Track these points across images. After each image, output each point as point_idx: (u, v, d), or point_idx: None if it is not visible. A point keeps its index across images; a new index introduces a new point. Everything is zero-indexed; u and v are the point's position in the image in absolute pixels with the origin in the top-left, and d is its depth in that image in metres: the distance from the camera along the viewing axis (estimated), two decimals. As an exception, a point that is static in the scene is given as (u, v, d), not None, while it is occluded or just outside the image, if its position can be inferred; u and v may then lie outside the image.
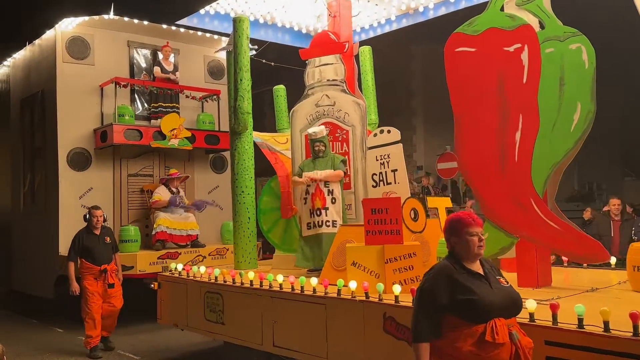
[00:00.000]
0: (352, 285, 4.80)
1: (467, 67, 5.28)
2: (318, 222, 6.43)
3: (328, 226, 6.39)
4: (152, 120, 10.38)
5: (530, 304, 3.65)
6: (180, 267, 7.03)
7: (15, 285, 11.43)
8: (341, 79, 6.94)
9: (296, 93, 9.20)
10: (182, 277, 6.90)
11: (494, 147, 5.11)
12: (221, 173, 11.56)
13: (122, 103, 10.03)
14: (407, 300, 4.39)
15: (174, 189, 10.09)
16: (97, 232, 7.53)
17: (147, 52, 10.84)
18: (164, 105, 10.45)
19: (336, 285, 4.97)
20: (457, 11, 8.40)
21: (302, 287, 5.28)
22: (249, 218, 7.12)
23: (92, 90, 10.09)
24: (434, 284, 3.03)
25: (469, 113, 5.26)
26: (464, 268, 3.09)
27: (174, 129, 10.13)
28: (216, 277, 6.35)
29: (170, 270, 7.20)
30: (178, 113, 10.41)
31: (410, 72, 19.04)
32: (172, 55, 10.78)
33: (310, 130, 6.51)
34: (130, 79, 10.34)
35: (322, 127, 6.53)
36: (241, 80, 6.57)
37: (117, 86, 9.80)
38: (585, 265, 6.23)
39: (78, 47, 9.97)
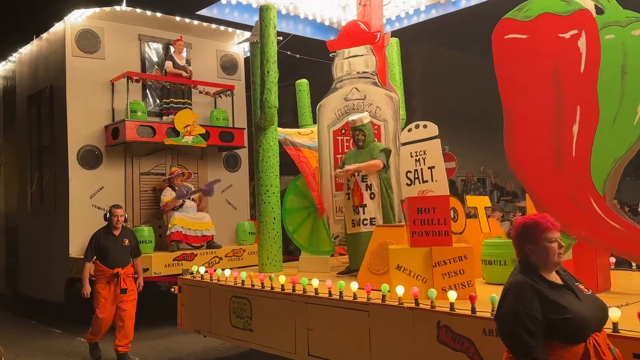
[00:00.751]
0: (399, 290, 4.44)
1: (518, 56, 4.92)
2: (357, 220, 6.09)
3: (366, 224, 6.05)
4: (163, 117, 10.01)
5: (613, 313, 3.29)
6: (202, 270, 6.66)
7: (22, 289, 11.04)
8: (372, 71, 6.58)
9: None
10: (205, 280, 6.54)
11: (549, 142, 4.76)
12: (234, 171, 11.19)
13: (133, 99, 9.65)
14: (465, 308, 4.04)
15: (178, 187, 9.72)
16: (117, 232, 7.14)
17: (158, 46, 10.46)
18: (175, 101, 10.07)
19: (380, 290, 4.62)
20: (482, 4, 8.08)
21: (341, 292, 4.92)
22: (274, 218, 6.76)
23: (102, 86, 9.70)
24: (528, 304, 2.58)
25: (520, 105, 4.90)
26: (544, 280, 2.71)
27: (188, 125, 9.76)
28: (243, 281, 5.99)
29: (192, 274, 6.83)
30: (191, 109, 10.04)
31: (409, 71, 18.76)
32: (185, 49, 10.41)
33: (352, 118, 6.16)
34: (143, 73, 9.96)
35: (365, 114, 6.17)
36: (268, 72, 6.20)
37: (129, 81, 9.41)
38: (634, 266, 5.90)
39: (88, 41, 9.60)
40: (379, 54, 6.63)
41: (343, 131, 6.69)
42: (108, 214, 7.15)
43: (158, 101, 10.21)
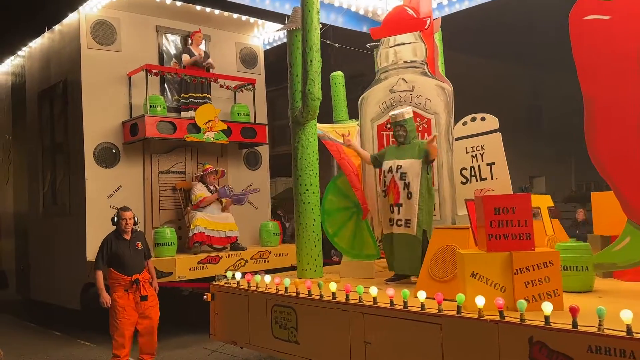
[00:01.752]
0: (480, 301, 3.96)
1: (599, 39, 4.46)
2: (391, 220, 5.63)
3: (400, 226, 5.59)
4: (182, 112, 9.52)
5: None
6: (239, 276, 6.18)
7: (35, 294, 10.54)
8: (421, 60, 6.10)
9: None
10: (242, 287, 6.05)
11: (637, 135, 4.29)
12: (255, 169, 10.72)
13: (151, 93, 9.15)
14: (562, 322, 3.57)
15: (211, 186, 9.25)
16: (127, 237, 6.63)
17: (176, 38, 9.96)
18: (194, 95, 9.57)
19: (453, 300, 4.15)
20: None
21: (405, 303, 4.44)
22: (314, 220, 6.26)
23: (119, 79, 9.20)
24: None
25: (603, 94, 4.44)
26: None
27: (209, 121, 9.26)
28: (286, 289, 5.51)
29: (226, 279, 6.35)
30: (211, 104, 9.55)
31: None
32: (203, 42, 9.91)
33: (393, 113, 5.69)
34: (162, 66, 9.46)
35: (408, 108, 5.70)
36: (311, 61, 5.71)
37: (148, 74, 8.91)
38: None
39: (104, 32, 9.09)
40: (428, 41, 6.15)
41: (388, 125, 6.21)
42: (116, 218, 6.62)
43: (176, 96, 9.71)
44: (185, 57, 9.58)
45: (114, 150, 9.08)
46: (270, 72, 11.22)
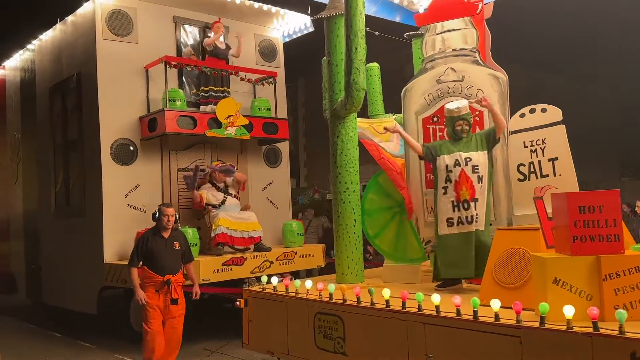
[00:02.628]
0: (568, 311, 3.53)
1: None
2: (467, 217, 5.14)
3: (471, 223, 5.14)
4: (201, 107, 9.08)
5: None
6: (275, 280, 5.74)
7: (46, 298, 10.09)
8: (472, 48, 5.65)
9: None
10: (280, 293, 5.62)
11: None
12: (275, 167, 10.28)
13: (169, 87, 8.72)
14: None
15: (220, 184, 8.81)
16: (166, 235, 6.23)
17: (194, 29, 9.53)
18: (214, 89, 9.13)
19: (532, 310, 3.72)
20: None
21: (475, 312, 4.01)
22: (354, 221, 5.83)
23: (136, 72, 8.76)
24: None
25: None
26: None
27: (230, 115, 8.83)
28: (331, 295, 5.08)
29: (261, 284, 5.91)
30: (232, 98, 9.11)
31: (404, 74, 18.57)
32: (223, 33, 9.46)
33: (451, 106, 5.23)
34: (183, 58, 9.02)
35: (465, 101, 5.26)
36: (356, 49, 5.26)
37: (168, 66, 8.47)
38: None
39: (120, 22, 8.64)
40: (479, 27, 5.70)
41: (435, 119, 5.78)
42: (157, 214, 6.21)
43: (195, 89, 9.27)
44: (207, 41, 9.11)
45: (131, 147, 8.64)
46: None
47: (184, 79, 9.21)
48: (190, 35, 9.45)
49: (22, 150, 11.06)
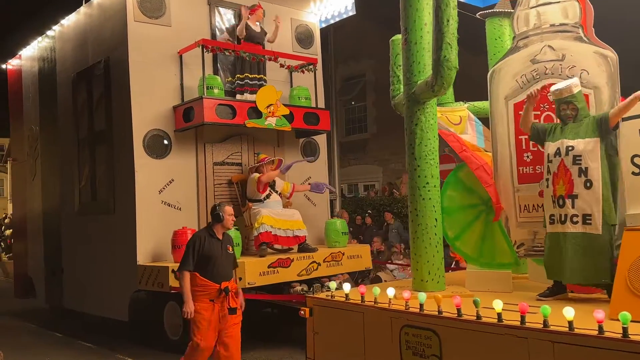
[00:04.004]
0: None
1: None
2: (560, 216, 4.48)
3: (575, 223, 4.43)
4: (237, 95, 8.39)
5: None
6: (347, 287, 5.05)
7: (69, 303, 9.39)
8: (574, 23, 4.95)
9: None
10: (354, 302, 4.93)
11: None
12: (312, 161, 9.57)
13: (206, 74, 8.04)
14: None
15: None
16: (221, 236, 5.57)
17: (229, 12, 8.83)
18: (250, 76, 8.44)
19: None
20: None
21: (624, 329, 3.33)
22: (435, 220, 5.13)
23: (169, 58, 8.08)
24: None
25: None
26: None
27: (271, 105, 8.14)
28: (422, 305, 4.40)
29: (330, 292, 5.22)
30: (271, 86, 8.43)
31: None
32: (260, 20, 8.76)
33: (556, 87, 4.55)
34: (221, 42, 8.33)
35: (575, 80, 4.57)
36: (448, 21, 4.56)
37: (205, 51, 7.78)
38: None
39: (152, 3, 7.94)
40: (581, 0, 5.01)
41: (529, 103, 5.08)
42: (221, 213, 5.51)
43: (230, 77, 8.58)
44: (241, 28, 8.41)
45: (164, 139, 7.95)
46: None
47: (218, 65, 8.52)
48: (225, 18, 8.75)
49: (40, 145, 10.37)
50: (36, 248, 10.47)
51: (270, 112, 8.11)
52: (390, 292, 4.69)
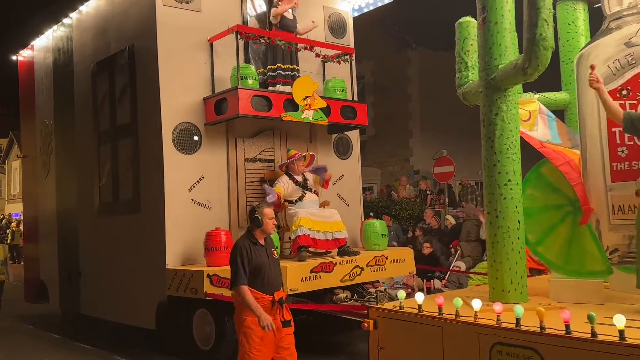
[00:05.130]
0: None
1: None
2: None
3: None
4: (269, 87, 7.82)
5: None
6: (420, 297, 4.48)
7: (87, 309, 8.77)
8: (680, -1, 4.42)
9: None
10: (430, 314, 4.37)
11: None
12: (345, 159, 9.00)
13: (235, 64, 7.47)
14: None
15: (298, 176, 7.58)
16: (262, 241, 4.99)
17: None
18: (282, 67, 7.85)
19: None
20: None
21: None
22: (518, 222, 4.58)
23: (199, 46, 7.50)
24: None
25: None
26: None
27: (308, 97, 7.57)
28: (518, 320, 3.84)
29: (398, 301, 4.66)
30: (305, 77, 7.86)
31: (406, 76, 18.79)
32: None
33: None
34: (256, 28, 7.75)
35: None
36: (544, -6, 4.03)
37: (239, 38, 7.20)
38: None
39: (182, -14, 7.38)
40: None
41: (624, 92, 4.53)
42: (260, 217, 4.92)
43: (261, 68, 8.00)
44: (275, 9, 7.84)
45: (194, 133, 7.38)
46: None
47: (250, 55, 7.94)
48: (256, 4, 8.18)
49: (55, 140, 9.76)
50: (49, 250, 9.86)
51: (306, 105, 7.54)
52: (477, 304, 4.13)
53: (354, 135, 9.18)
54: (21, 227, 23.97)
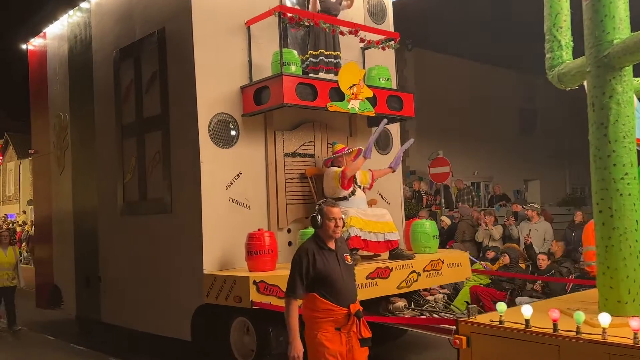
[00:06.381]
0: None
1: None
2: None
3: None
4: (310, 75, 7.17)
5: None
6: (528, 311, 3.83)
7: (108, 317, 8.07)
8: None
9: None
10: (540, 330, 3.73)
11: None
12: (386, 154, 8.35)
13: (271, 50, 6.83)
14: None
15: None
16: (333, 245, 4.34)
17: (297, -21, 7.61)
18: (325, 53, 7.22)
19: None
20: None
21: None
22: (637, 222, 3.95)
23: (235, 29, 6.85)
24: None
25: None
26: None
27: (354, 85, 6.92)
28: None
29: (498, 316, 4.01)
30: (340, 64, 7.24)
31: (402, 77, 18.42)
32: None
33: None
34: (300, 10, 7.10)
35: None
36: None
37: (282, 21, 6.55)
38: None
39: (217, -36, 6.72)
40: None
41: None
42: (318, 217, 4.27)
43: (301, 55, 7.34)
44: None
45: (231, 125, 6.72)
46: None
47: (288, 41, 7.29)
48: (293, -14, 7.54)
49: (71, 134, 9.07)
50: (65, 253, 9.17)
51: (352, 94, 6.89)
52: (605, 319, 3.49)
53: (394, 129, 8.56)
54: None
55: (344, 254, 4.37)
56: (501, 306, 4.00)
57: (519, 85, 22.56)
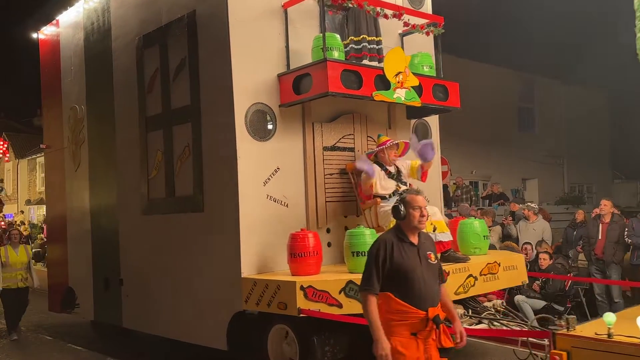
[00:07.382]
0: None
1: None
2: None
3: None
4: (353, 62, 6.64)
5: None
6: (646, 324, 3.31)
7: (131, 323, 7.54)
8: None
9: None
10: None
11: None
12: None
13: (307, 36, 6.31)
14: None
15: (390, 167, 6.47)
16: (415, 240, 3.84)
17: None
18: (368, 39, 6.71)
19: None
20: None
21: None
22: None
23: (272, 13, 6.33)
24: None
25: None
26: None
27: (400, 73, 6.40)
28: None
29: (604, 328, 3.48)
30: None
31: None
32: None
33: None
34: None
35: None
36: None
37: (323, 2, 6.02)
38: None
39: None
40: None
41: None
42: (403, 207, 3.79)
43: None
44: None
45: (268, 116, 6.19)
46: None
47: (327, 24, 6.75)
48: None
49: (87, 128, 8.53)
50: (81, 254, 8.63)
51: (399, 83, 6.36)
52: None
53: (434, 122, 8.04)
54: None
55: (428, 252, 3.88)
56: (609, 317, 3.48)
57: (517, 84, 22.25)
